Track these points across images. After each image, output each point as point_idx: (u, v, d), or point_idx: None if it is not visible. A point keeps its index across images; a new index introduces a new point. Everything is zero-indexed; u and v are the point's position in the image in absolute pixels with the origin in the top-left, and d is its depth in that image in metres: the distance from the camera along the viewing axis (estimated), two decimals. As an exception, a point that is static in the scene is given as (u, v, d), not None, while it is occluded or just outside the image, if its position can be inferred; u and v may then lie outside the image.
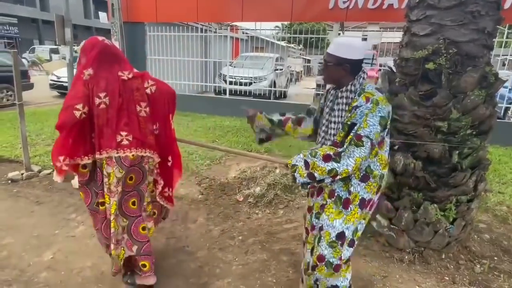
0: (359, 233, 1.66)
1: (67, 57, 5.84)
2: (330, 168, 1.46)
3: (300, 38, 8.21)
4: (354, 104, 1.49)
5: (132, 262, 1.99)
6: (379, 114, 1.45)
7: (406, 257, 2.48)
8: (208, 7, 7.06)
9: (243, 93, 8.01)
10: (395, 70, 2.64)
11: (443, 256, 2.48)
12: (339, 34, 6.99)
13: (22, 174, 3.64)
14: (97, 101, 1.72)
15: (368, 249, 2.59)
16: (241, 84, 8.13)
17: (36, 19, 26.22)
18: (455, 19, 2.16)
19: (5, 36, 22.82)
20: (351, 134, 1.46)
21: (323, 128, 1.70)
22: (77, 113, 1.68)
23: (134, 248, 1.91)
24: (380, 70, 8.57)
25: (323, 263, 1.62)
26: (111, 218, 1.80)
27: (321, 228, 1.63)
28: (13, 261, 2.30)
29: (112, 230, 1.81)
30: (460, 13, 2.16)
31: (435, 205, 2.34)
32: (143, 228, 1.95)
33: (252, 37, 10.98)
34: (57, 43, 7.37)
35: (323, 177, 1.49)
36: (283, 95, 9.11)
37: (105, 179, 1.78)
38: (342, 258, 1.61)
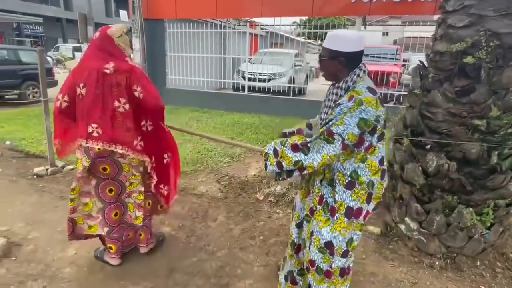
0: (355, 244, 1.57)
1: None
2: (296, 159, 1.40)
3: (319, 34, 8.02)
4: (339, 101, 1.41)
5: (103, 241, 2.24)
6: (359, 116, 1.33)
7: (437, 262, 2.34)
8: (228, 3, 7.01)
9: (261, 89, 7.93)
10: (427, 65, 2.49)
11: (478, 263, 2.33)
12: (361, 29, 6.78)
13: (47, 169, 3.72)
14: (77, 90, 1.85)
15: (395, 253, 2.48)
16: (259, 80, 8.05)
17: (60, 18, 27.03)
18: (497, 8, 1.99)
19: (32, 35, 23.67)
20: (324, 127, 1.40)
21: (319, 126, 1.63)
22: (58, 103, 1.93)
23: (105, 229, 2.09)
24: (403, 65, 8.29)
25: (314, 268, 1.60)
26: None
27: (312, 233, 1.58)
28: (38, 255, 2.33)
29: (80, 207, 2.06)
30: (502, 1, 2.00)
31: (471, 209, 2.20)
32: (115, 214, 2.09)
33: (270, 33, 10.85)
34: (79, 41, 7.53)
35: (290, 168, 1.44)
36: (302, 91, 8.97)
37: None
38: (333, 266, 1.56)
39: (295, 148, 1.42)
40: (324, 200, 1.52)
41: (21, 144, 4.60)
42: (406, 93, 6.56)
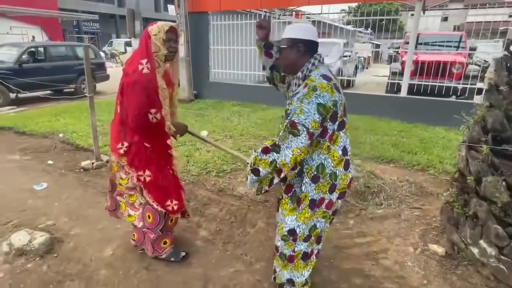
0: (319, 230, 1.63)
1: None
2: (271, 160, 1.42)
3: (369, 21, 7.37)
4: (296, 91, 1.46)
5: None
6: (316, 101, 1.36)
7: (521, 298, 1.91)
8: (273, -9, 6.70)
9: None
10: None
11: None
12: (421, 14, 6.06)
13: (92, 163, 3.81)
14: None
15: (465, 281, 2.08)
16: (304, 73, 7.64)
17: (114, 14, 28.67)
18: None
19: (89, 32, 25.40)
20: (286, 121, 1.43)
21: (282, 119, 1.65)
22: None
23: (140, 224, 2.14)
24: (469, 54, 7.34)
25: (278, 253, 1.70)
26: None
27: (277, 221, 1.71)
28: (78, 254, 2.33)
29: (126, 194, 2.14)
30: None
31: None
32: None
33: (317, 22, 10.33)
34: (128, 36, 7.76)
35: (267, 171, 1.44)
36: (351, 84, 8.40)
37: None
38: (295, 250, 1.64)
39: (266, 150, 1.44)
40: (293, 189, 1.59)
41: (72, 137, 4.81)
42: (472, 86, 5.84)
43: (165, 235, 2.19)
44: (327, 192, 1.52)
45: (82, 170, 3.76)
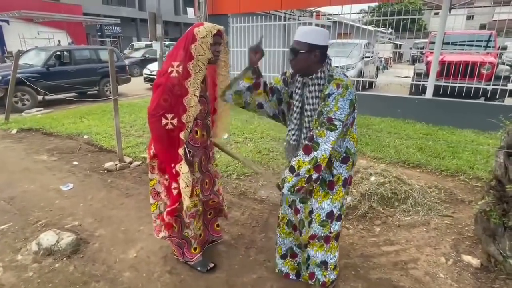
0: (344, 208, 1.82)
1: (158, 52, 6.13)
2: (311, 157, 1.51)
3: (390, 21, 7.15)
4: (326, 92, 1.55)
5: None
6: (349, 98, 1.52)
7: None
8: (293, -8, 6.64)
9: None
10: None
11: None
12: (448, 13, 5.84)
13: (116, 164, 3.87)
14: None
15: (503, 295, 1.95)
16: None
17: (135, 18, 29.30)
18: None
19: (111, 35, 26.12)
20: (322, 117, 1.53)
21: (295, 115, 1.71)
22: None
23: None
24: (498, 54, 7.01)
25: (315, 239, 1.78)
26: None
27: (311, 212, 1.75)
28: (103, 255, 2.36)
29: None
30: None
31: None
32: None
33: (338, 23, 10.16)
34: (150, 39, 7.89)
35: (308, 168, 1.51)
36: (373, 85, 8.21)
37: None
38: (332, 231, 1.76)
39: (307, 150, 1.53)
40: (321, 178, 1.65)
41: (96, 139, 4.92)
42: (503, 87, 5.55)
43: (194, 240, 2.13)
44: (351, 169, 1.73)
45: (106, 171, 3.82)
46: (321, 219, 1.73)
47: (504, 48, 7.15)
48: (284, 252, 2.03)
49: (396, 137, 4.86)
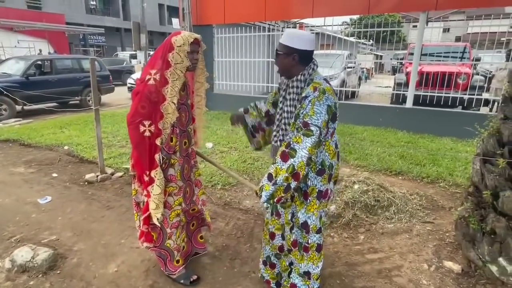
0: (324, 219, 1.79)
1: (142, 62, 6.10)
2: (288, 164, 1.48)
3: (371, 33, 7.39)
4: (303, 94, 1.55)
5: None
6: (327, 103, 1.49)
7: (546, 320, 1.82)
8: (277, 5, 6.77)
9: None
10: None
11: None
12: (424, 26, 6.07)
13: (97, 176, 3.77)
14: None
15: (483, 300, 1.99)
16: (308, 84, 7.64)
17: (119, 28, 29.15)
18: None
19: (95, 45, 25.82)
20: (298, 121, 1.51)
21: (277, 116, 1.76)
22: None
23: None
24: (472, 65, 7.32)
25: (296, 247, 1.78)
26: None
27: (292, 215, 1.74)
28: (81, 270, 2.27)
29: None
30: None
31: None
32: None
33: (321, 34, 10.39)
34: (134, 49, 7.84)
35: (285, 177, 1.48)
36: (356, 95, 8.39)
37: None
38: (309, 242, 1.73)
39: (284, 157, 1.50)
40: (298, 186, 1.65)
41: (77, 149, 4.79)
42: (478, 96, 5.79)
43: (176, 251, 2.07)
44: (327, 183, 1.68)
45: (86, 183, 3.72)
46: (299, 225, 1.73)
47: (478, 59, 7.47)
48: (264, 259, 2.02)
49: (378, 145, 4.95)
